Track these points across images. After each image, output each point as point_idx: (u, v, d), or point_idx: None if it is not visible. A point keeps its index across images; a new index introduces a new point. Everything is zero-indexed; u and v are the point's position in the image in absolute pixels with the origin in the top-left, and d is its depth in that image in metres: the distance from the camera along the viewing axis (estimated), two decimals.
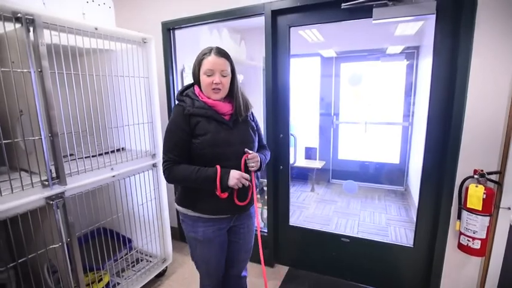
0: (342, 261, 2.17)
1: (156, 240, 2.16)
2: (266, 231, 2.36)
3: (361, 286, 2.10)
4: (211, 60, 1.28)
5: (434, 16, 1.67)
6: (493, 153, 1.59)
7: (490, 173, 1.56)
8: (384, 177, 3.96)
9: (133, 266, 2.11)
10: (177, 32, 2.45)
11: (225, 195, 1.27)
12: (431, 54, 1.73)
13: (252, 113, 1.48)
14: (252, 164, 1.35)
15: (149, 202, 2.05)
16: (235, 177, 1.25)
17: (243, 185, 1.30)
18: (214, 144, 1.29)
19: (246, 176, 1.28)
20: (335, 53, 3.99)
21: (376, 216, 3.19)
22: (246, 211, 1.46)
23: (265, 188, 2.38)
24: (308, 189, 4.02)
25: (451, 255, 1.77)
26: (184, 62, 2.64)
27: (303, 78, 4.25)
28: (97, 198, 1.80)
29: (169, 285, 2.20)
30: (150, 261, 2.15)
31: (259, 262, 1.65)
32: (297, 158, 4.22)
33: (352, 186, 3.26)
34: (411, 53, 3.61)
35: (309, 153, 4.18)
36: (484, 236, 1.57)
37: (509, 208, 1.59)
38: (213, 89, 1.30)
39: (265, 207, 2.40)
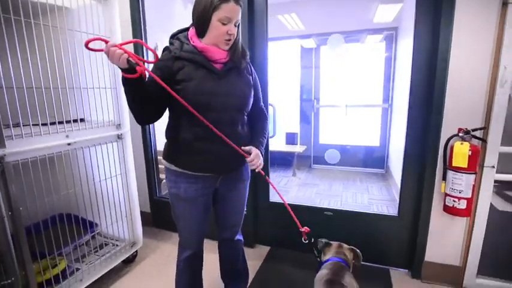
0: (325, 236, 2.06)
1: (124, 221, 1.95)
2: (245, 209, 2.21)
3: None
4: (231, 8, 1.10)
5: None
6: (476, 112, 1.55)
7: (474, 130, 1.50)
8: (365, 160, 3.94)
9: (97, 251, 1.89)
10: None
11: (132, 75, 0.99)
12: (409, 35, 1.67)
13: (250, 66, 1.34)
14: (255, 167, 1.24)
15: (114, 178, 1.85)
16: (108, 56, 0.98)
17: (233, 138, 1.18)
18: (198, 92, 1.14)
19: (114, 48, 0.96)
20: (315, 43, 3.93)
21: (358, 197, 3.13)
22: (232, 171, 1.32)
23: None
24: (289, 174, 3.92)
25: (437, 219, 1.71)
26: (158, 40, 2.46)
27: (283, 63, 4.15)
28: (51, 171, 1.56)
29: (140, 271, 2.00)
30: (117, 245, 1.94)
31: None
32: (278, 143, 4.11)
33: (334, 155, 3.18)
34: (390, 35, 3.60)
35: (290, 139, 4.08)
36: (469, 195, 1.51)
37: (493, 167, 1.55)
38: (227, 39, 1.16)
39: None
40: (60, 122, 1.54)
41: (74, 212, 1.84)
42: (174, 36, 1.22)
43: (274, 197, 2.24)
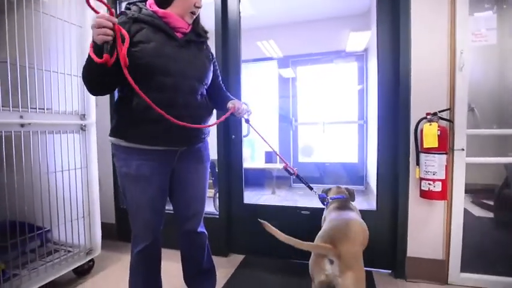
0: (303, 235, 1.92)
1: (80, 224, 1.75)
2: (218, 214, 2.07)
3: None
4: None
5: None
6: (441, 97, 1.60)
7: (441, 111, 1.53)
8: (344, 177, 3.91)
9: (44, 257, 1.65)
10: None
11: (102, 59, 0.90)
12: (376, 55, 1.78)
13: (211, 51, 1.32)
14: (243, 114, 1.28)
15: (73, 172, 1.69)
16: (93, 28, 0.91)
17: (192, 106, 1.12)
18: (156, 54, 1.08)
19: (102, 21, 0.90)
20: (293, 73, 4.14)
21: None
22: (191, 144, 1.22)
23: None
24: (269, 192, 3.79)
25: (415, 208, 1.65)
26: None
27: (260, 84, 4.27)
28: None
29: (94, 283, 1.75)
30: (69, 251, 1.71)
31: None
32: (257, 161, 4.05)
33: (308, 150, 3.12)
34: (361, 55, 3.84)
35: (269, 157, 4.03)
36: (443, 177, 1.49)
37: (462, 149, 1.56)
38: (192, 12, 1.16)
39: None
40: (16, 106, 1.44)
41: (21, 210, 1.63)
42: (130, 4, 1.18)
43: (248, 199, 2.12)
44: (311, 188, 1.59)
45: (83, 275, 1.80)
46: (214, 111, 1.34)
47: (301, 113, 4.14)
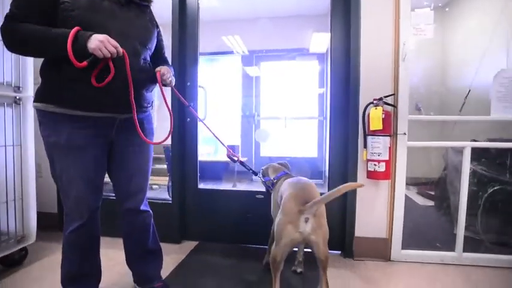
0: (256, 224, 1.93)
1: (11, 208, 1.57)
2: (170, 200, 1.99)
3: None
4: None
5: None
6: (387, 85, 1.70)
7: (386, 96, 1.63)
8: (305, 171, 4.00)
9: None
10: None
11: (83, 64, 0.93)
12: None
13: (156, 22, 1.25)
14: (168, 79, 1.19)
15: (2, 149, 1.52)
16: (98, 38, 0.93)
17: (135, 70, 1.05)
18: (91, 8, 1.00)
19: (114, 43, 0.96)
20: (258, 70, 4.17)
21: None
22: (130, 110, 1.12)
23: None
24: (230, 186, 3.75)
25: (363, 190, 1.72)
26: None
27: (224, 79, 4.24)
28: None
29: (27, 273, 1.57)
30: None
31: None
32: (219, 155, 4.00)
33: (264, 134, 3.15)
34: (322, 56, 3.99)
35: (232, 151, 4.00)
36: (387, 157, 1.58)
37: (404, 133, 1.67)
38: None
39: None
40: None
41: None
42: None
43: (202, 183, 2.08)
44: (255, 173, 1.61)
45: (12, 266, 1.61)
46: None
47: (263, 108, 4.18)
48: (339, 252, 1.85)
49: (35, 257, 1.73)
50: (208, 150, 4.21)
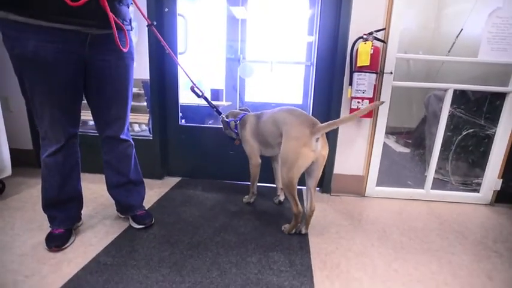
0: (239, 161, 1.95)
1: None
2: (151, 135, 1.95)
3: (262, 185, 1.93)
4: None
5: None
6: (378, 19, 1.60)
7: (377, 31, 1.55)
8: None
9: None
10: None
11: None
12: None
13: None
14: None
15: None
16: None
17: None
18: None
19: None
20: (245, 11, 3.81)
21: None
22: (105, 25, 1.01)
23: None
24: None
25: (344, 128, 1.75)
26: None
27: (208, 20, 3.91)
28: None
29: (5, 204, 1.56)
30: None
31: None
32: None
33: (248, 69, 3.11)
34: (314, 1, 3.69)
35: (215, 95, 3.88)
36: (371, 95, 1.57)
37: (391, 72, 1.64)
38: None
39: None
40: None
41: None
42: None
43: (183, 120, 2.04)
44: (219, 113, 1.62)
45: None
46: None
47: (249, 51, 3.97)
48: (318, 188, 1.94)
49: (13, 190, 1.71)
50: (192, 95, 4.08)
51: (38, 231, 1.26)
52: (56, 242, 1.15)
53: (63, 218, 1.20)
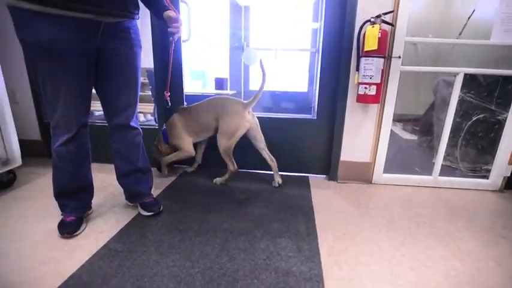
0: (244, 150, 1.95)
1: None
2: (157, 125, 1.96)
3: (266, 173, 1.93)
4: None
5: None
6: (387, 2, 1.55)
7: (385, 14, 1.51)
8: (294, 106, 3.97)
9: None
10: None
11: None
12: None
13: None
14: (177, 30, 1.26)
15: None
16: None
17: None
18: None
19: None
20: None
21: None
22: (116, 13, 1.04)
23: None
24: None
25: (351, 114, 1.73)
26: None
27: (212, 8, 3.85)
28: None
29: (17, 194, 1.59)
30: None
31: None
32: (207, 88, 3.88)
33: (252, 55, 3.09)
34: None
35: (219, 84, 3.86)
36: (378, 81, 1.54)
37: (399, 57, 1.60)
38: None
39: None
40: None
41: None
42: None
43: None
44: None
45: (3, 188, 1.62)
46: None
47: (253, 38, 3.91)
48: (324, 176, 1.94)
49: (24, 180, 1.75)
50: (196, 84, 4.09)
51: (50, 219, 1.28)
52: (68, 228, 1.18)
53: (75, 206, 1.23)
